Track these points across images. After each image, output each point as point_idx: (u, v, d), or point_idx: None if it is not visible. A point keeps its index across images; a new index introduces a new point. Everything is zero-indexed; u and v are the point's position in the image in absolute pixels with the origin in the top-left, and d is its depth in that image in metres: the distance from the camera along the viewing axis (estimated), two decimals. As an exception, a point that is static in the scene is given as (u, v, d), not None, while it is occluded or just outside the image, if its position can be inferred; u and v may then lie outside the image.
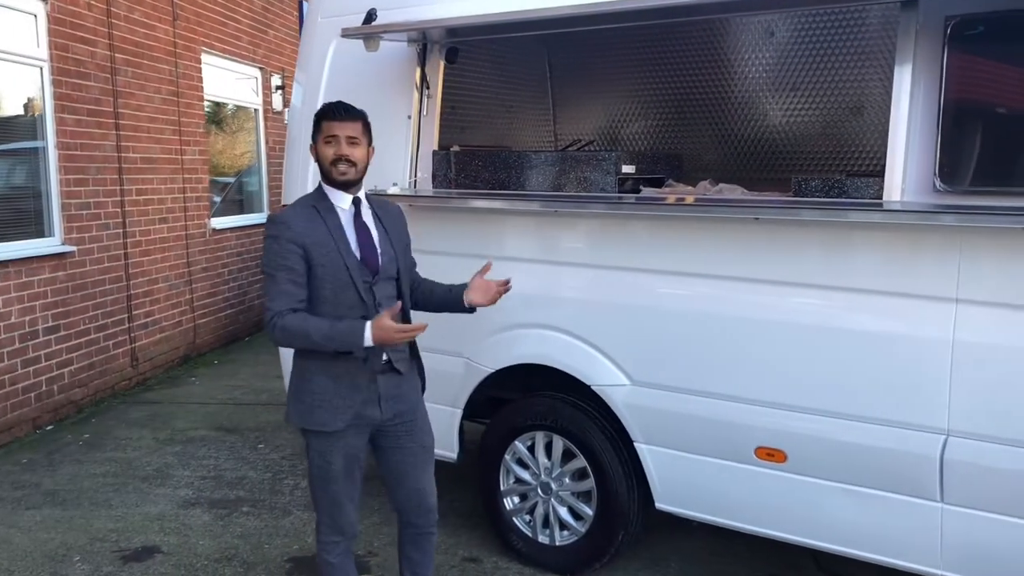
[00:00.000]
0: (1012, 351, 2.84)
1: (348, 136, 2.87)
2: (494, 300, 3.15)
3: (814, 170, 4.63)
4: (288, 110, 6.91)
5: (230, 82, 9.32)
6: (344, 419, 2.92)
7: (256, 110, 9.91)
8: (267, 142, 10.01)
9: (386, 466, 3.13)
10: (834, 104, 4.55)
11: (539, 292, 3.80)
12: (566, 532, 3.90)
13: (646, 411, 3.58)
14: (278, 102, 10.09)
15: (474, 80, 4.96)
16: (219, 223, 8.87)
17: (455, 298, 3.16)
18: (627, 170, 3.81)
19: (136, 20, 7.27)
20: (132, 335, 7.25)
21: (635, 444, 3.64)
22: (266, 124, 9.95)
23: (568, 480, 3.87)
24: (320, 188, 2.97)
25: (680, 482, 3.57)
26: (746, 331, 3.32)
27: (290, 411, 3.01)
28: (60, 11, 6.27)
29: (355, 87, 4.33)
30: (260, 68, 9.85)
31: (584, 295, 3.71)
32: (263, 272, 2.92)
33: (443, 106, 4.51)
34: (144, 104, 7.40)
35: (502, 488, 4.04)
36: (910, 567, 3.12)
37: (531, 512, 4.00)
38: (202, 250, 8.49)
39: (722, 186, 3.64)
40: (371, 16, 3.93)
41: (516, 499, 4.05)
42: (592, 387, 3.69)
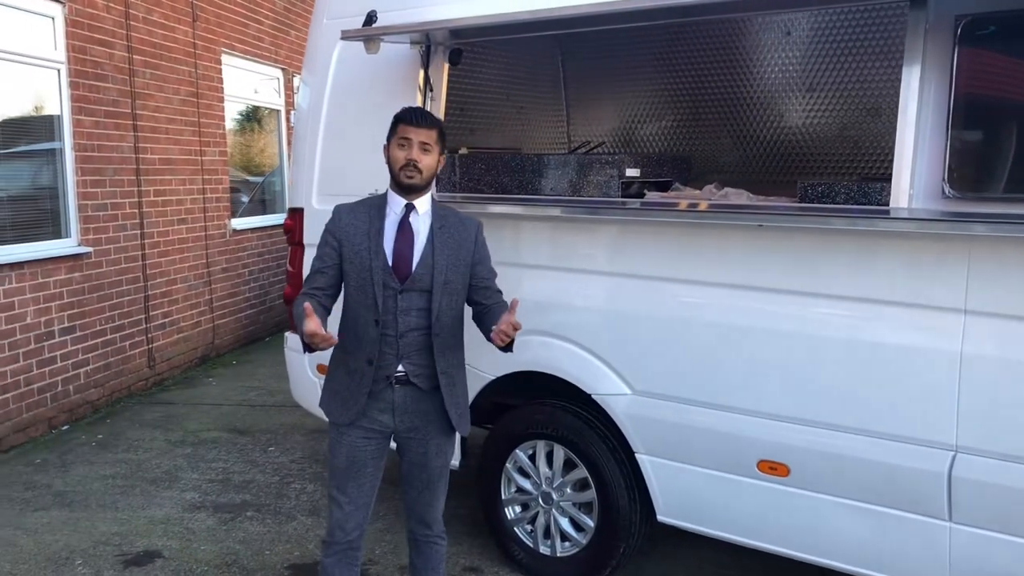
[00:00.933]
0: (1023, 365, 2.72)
1: (421, 142, 2.86)
2: (502, 342, 2.78)
3: (830, 173, 4.52)
4: (294, 111, 6.90)
5: (252, 83, 9.35)
6: (349, 415, 2.93)
7: (278, 111, 9.93)
8: (289, 143, 10.03)
9: (402, 468, 3.10)
10: (851, 105, 4.43)
11: (539, 298, 3.72)
12: (567, 543, 3.82)
13: (647, 421, 3.49)
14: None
15: (484, 81, 4.90)
16: (240, 224, 8.89)
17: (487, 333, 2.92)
18: (631, 173, 3.72)
19: (155, 22, 7.29)
20: (149, 336, 7.27)
21: (636, 455, 3.55)
22: (288, 125, 9.96)
23: (569, 490, 3.79)
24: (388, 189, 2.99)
25: (682, 494, 3.48)
26: (748, 341, 3.22)
27: (320, 396, 3.11)
28: (78, 13, 6.30)
29: (359, 89, 4.30)
30: (282, 69, 9.87)
31: (584, 302, 3.63)
32: None
33: (449, 108, 4.45)
34: (163, 105, 7.42)
35: (503, 497, 3.98)
36: (917, 588, 3.00)
37: (532, 522, 3.93)
38: (222, 251, 8.51)
39: (727, 190, 3.54)
40: (371, 18, 3.87)
41: (517, 508, 3.98)
42: (592, 396, 3.61)
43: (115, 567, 4.08)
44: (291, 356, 4.65)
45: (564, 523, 3.82)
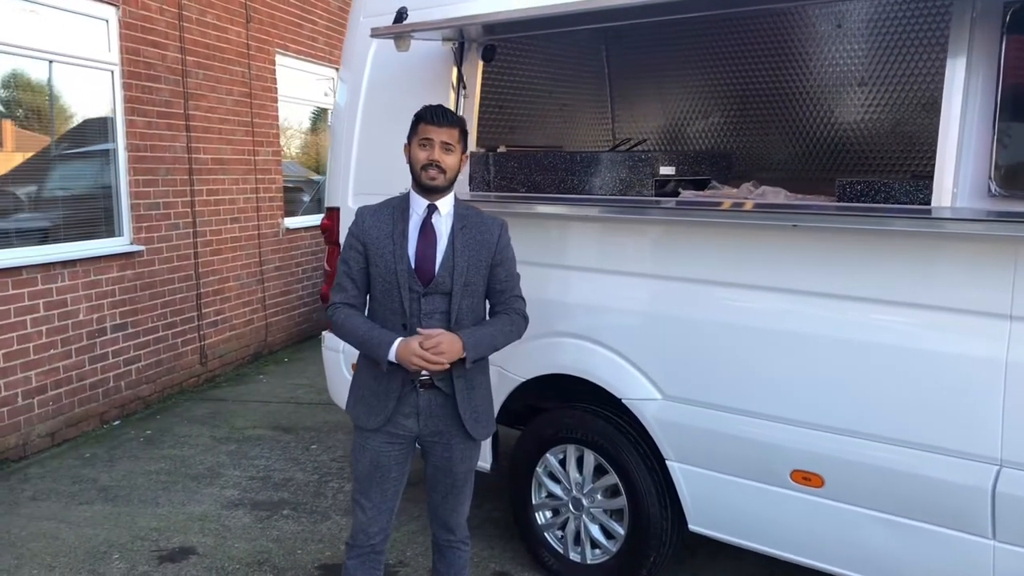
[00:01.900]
0: (1073, 375, 2.55)
1: (443, 141, 2.81)
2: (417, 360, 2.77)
3: (881, 171, 4.34)
4: (332, 110, 6.92)
5: (307, 83, 9.43)
6: (377, 420, 2.90)
7: (333, 111, 10.00)
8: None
9: (426, 472, 3.06)
10: (905, 100, 4.25)
11: (568, 300, 3.64)
12: (597, 551, 3.73)
13: (678, 427, 3.38)
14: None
15: (525, 78, 4.83)
16: (293, 223, 8.98)
17: None
18: (666, 171, 3.61)
19: (208, 23, 7.39)
20: (201, 333, 7.38)
21: (667, 462, 3.44)
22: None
23: (600, 497, 3.70)
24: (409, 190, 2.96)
25: (713, 503, 3.36)
26: (782, 345, 3.09)
27: (347, 399, 3.08)
28: (131, 16, 6.42)
29: (394, 87, 4.27)
30: (336, 69, 9.93)
31: (614, 304, 3.53)
32: None
33: (486, 106, 4.40)
34: (215, 106, 7.53)
35: (534, 502, 3.90)
36: (958, 609, 2.84)
37: (563, 528, 3.85)
38: (275, 249, 8.61)
39: (764, 189, 3.40)
40: (401, 15, 3.83)
41: (548, 513, 3.91)
42: (623, 400, 3.51)
43: (150, 562, 4.12)
44: (328, 355, 4.64)
45: (594, 530, 3.73)
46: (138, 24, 6.50)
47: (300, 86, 9.26)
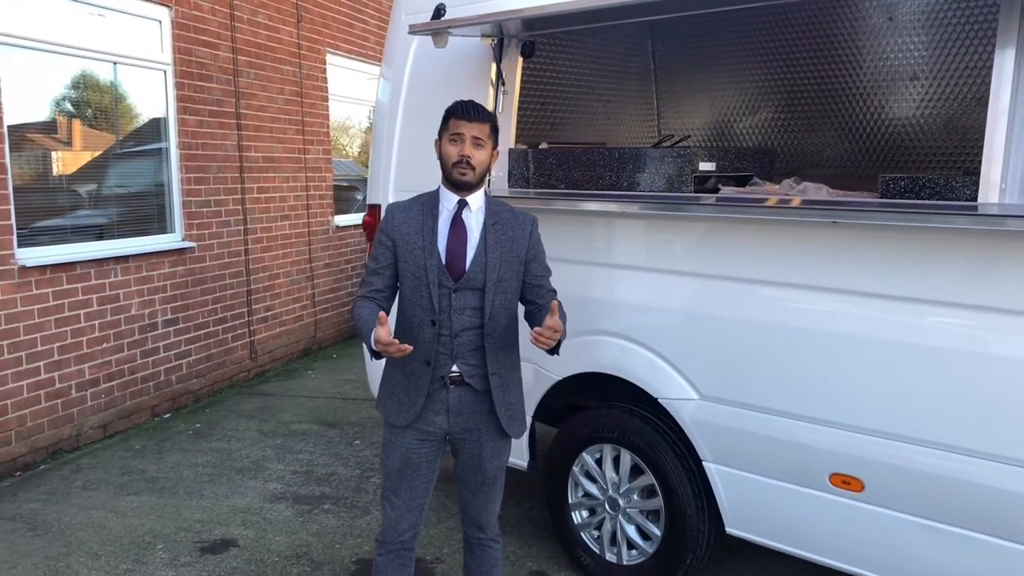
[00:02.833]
0: None
1: (474, 137, 2.80)
2: (542, 346, 2.67)
3: (934, 167, 4.21)
4: (373, 107, 6.95)
5: (358, 83, 9.51)
6: (407, 417, 2.89)
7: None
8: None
9: (457, 470, 3.05)
10: (958, 94, 4.12)
11: (605, 298, 3.60)
12: (634, 551, 3.69)
13: (715, 428, 3.32)
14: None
15: (567, 74, 4.79)
16: (343, 220, 9.07)
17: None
18: (706, 167, 3.55)
19: (259, 23, 7.50)
20: (251, 328, 7.49)
21: (704, 463, 3.39)
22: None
23: (636, 497, 3.65)
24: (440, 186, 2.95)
25: (750, 505, 3.29)
26: (822, 345, 3.01)
27: (377, 396, 3.08)
28: (184, 16, 6.54)
29: (434, 84, 4.27)
30: (387, 67, 9.99)
31: (652, 302, 3.48)
32: None
33: (528, 102, 4.37)
34: (266, 105, 7.63)
35: (570, 501, 3.87)
36: (1004, 620, 2.74)
37: (599, 528, 3.81)
38: (324, 246, 8.70)
39: (806, 185, 3.32)
40: (439, 11, 3.83)
41: (584, 513, 3.87)
42: (659, 400, 3.46)
43: (192, 553, 4.19)
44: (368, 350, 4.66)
45: (631, 530, 3.68)
46: (190, 24, 6.62)
47: (351, 85, 9.35)
